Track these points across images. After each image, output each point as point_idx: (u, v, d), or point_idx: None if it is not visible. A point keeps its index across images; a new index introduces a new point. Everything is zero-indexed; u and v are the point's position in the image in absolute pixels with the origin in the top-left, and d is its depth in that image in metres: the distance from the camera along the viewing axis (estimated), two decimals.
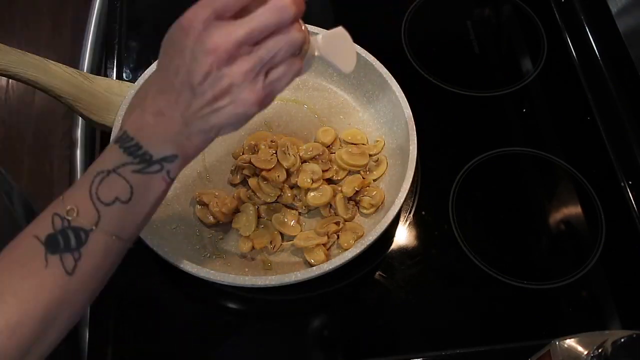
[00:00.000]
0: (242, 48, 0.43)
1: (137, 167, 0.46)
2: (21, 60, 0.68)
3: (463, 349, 0.66)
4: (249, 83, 0.44)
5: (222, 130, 0.47)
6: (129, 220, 0.48)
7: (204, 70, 0.43)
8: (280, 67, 0.46)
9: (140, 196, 0.47)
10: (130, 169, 0.46)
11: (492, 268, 0.71)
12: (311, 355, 0.67)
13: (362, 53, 0.76)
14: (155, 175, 0.47)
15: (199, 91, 0.44)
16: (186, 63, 0.44)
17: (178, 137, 0.47)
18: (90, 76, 0.76)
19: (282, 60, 0.45)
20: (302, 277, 0.63)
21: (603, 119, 0.82)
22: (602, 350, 0.47)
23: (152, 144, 0.46)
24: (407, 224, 0.74)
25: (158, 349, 0.67)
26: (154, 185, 0.47)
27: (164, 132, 0.46)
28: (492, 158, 0.78)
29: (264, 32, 0.44)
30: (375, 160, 0.75)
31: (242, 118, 0.46)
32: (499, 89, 0.84)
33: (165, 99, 0.46)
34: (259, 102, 0.45)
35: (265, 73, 0.45)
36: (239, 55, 0.44)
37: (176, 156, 0.47)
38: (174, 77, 0.45)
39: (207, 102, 0.45)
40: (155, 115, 0.46)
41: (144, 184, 0.47)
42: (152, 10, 0.92)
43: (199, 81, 0.44)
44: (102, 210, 0.46)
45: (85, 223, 0.45)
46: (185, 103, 0.45)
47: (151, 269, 0.70)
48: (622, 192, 0.76)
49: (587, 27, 0.88)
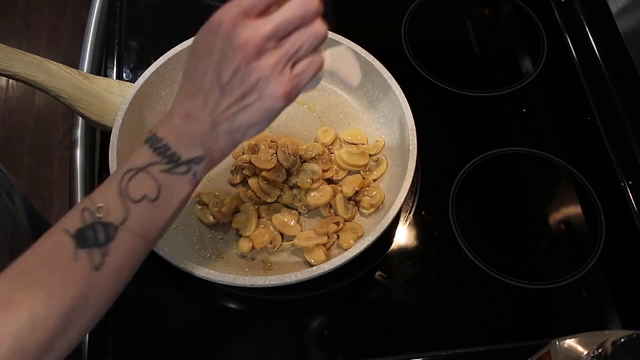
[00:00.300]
0: (269, 42, 0.45)
1: (166, 167, 0.47)
2: (21, 60, 0.68)
3: (463, 349, 0.66)
4: (276, 76, 0.46)
5: (248, 131, 0.49)
6: (154, 220, 0.48)
7: (233, 67, 0.45)
8: (305, 61, 0.47)
9: (166, 196, 0.48)
10: (159, 169, 0.47)
11: (492, 268, 0.71)
12: (311, 355, 0.67)
13: (363, 53, 0.76)
14: (182, 176, 0.48)
15: (227, 89, 0.46)
16: (215, 62, 0.46)
17: (205, 140, 0.48)
18: (90, 76, 0.76)
19: (307, 53, 0.47)
20: (302, 277, 0.63)
21: (603, 119, 0.82)
22: (602, 350, 0.47)
23: (181, 145, 0.47)
24: (407, 224, 0.74)
25: (158, 348, 0.67)
26: (180, 186, 0.48)
27: (192, 134, 0.47)
28: (492, 158, 0.78)
29: (289, 26, 0.45)
30: (375, 160, 0.75)
31: (269, 114, 0.48)
32: (499, 89, 0.84)
33: (193, 101, 0.47)
34: (286, 95, 0.47)
35: (292, 66, 0.47)
36: (266, 49, 0.45)
37: (203, 158, 0.48)
38: (203, 78, 0.47)
39: (236, 99, 0.46)
40: (183, 117, 0.48)
41: (171, 184, 0.48)
42: (152, 10, 0.92)
43: (227, 79, 0.46)
44: (131, 208, 0.46)
45: (114, 219, 0.46)
46: (214, 103, 0.47)
47: (151, 269, 0.70)
48: (622, 192, 0.76)
49: (587, 27, 0.88)
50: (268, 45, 0.45)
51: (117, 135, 0.70)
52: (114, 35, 0.88)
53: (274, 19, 0.45)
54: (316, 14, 0.47)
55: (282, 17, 0.45)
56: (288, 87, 0.47)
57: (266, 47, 0.45)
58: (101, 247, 0.45)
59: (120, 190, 0.46)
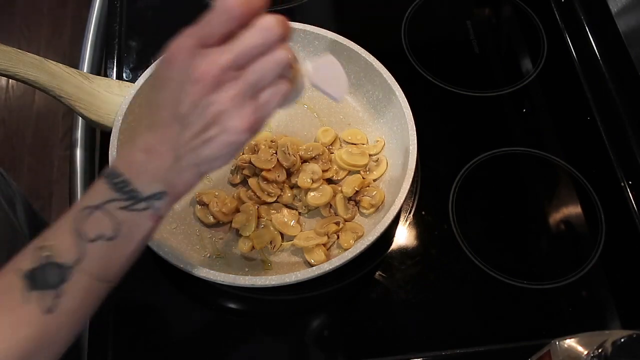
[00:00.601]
0: (228, 73, 0.42)
1: (125, 203, 0.45)
2: (21, 60, 0.68)
3: (463, 349, 0.66)
4: (237, 109, 0.43)
5: (213, 163, 0.46)
6: (113, 258, 0.46)
7: (191, 99, 0.43)
8: (268, 90, 0.44)
9: (126, 234, 0.46)
10: (117, 206, 0.45)
11: (492, 268, 0.71)
12: (311, 355, 0.67)
13: (363, 54, 0.76)
14: (143, 212, 0.46)
15: (188, 122, 0.43)
16: (174, 95, 0.43)
17: (168, 174, 0.45)
18: (90, 76, 0.76)
19: (270, 83, 0.44)
20: (302, 277, 0.63)
21: (603, 119, 0.82)
22: (602, 350, 0.47)
23: (141, 180, 0.45)
24: (407, 224, 0.74)
25: (158, 348, 0.67)
26: (140, 223, 0.46)
27: (153, 168, 0.45)
28: (492, 158, 0.78)
29: (249, 54, 0.43)
30: (375, 160, 0.75)
31: (233, 147, 0.45)
32: (499, 89, 0.84)
33: (154, 134, 0.45)
34: (249, 128, 0.44)
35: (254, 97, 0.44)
36: (225, 80, 0.42)
37: (165, 193, 0.46)
38: (163, 110, 0.44)
39: (197, 132, 0.44)
40: (145, 151, 0.45)
41: (131, 222, 0.46)
42: (152, 10, 0.92)
43: (187, 111, 0.43)
44: (85, 247, 0.44)
45: (67, 260, 0.44)
46: (175, 136, 0.44)
47: (151, 269, 0.70)
48: (622, 192, 0.76)
49: (587, 27, 0.88)
50: (227, 76, 0.42)
51: (117, 135, 0.70)
52: (114, 35, 0.88)
53: (233, 48, 0.42)
54: (278, 41, 0.43)
55: (241, 46, 0.42)
56: (251, 120, 0.44)
57: (225, 78, 0.42)
58: (53, 289, 0.43)
59: (74, 229, 0.44)
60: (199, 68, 0.42)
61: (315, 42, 0.79)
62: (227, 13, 0.42)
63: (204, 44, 0.42)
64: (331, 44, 0.78)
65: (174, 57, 0.43)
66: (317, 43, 0.79)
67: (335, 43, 0.77)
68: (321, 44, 0.79)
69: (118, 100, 0.74)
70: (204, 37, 0.42)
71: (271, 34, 0.43)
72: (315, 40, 0.79)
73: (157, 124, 0.45)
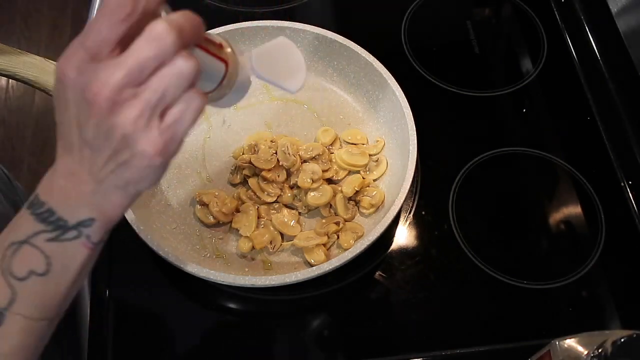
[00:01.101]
0: (124, 92, 0.37)
1: (52, 235, 0.41)
2: (21, 60, 0.68)
3: (463, 349, 0.66)
4: (141, 132, 0.38)
5: (140, 185, 0.41)
6: (48, 294, 0.43)
7: (92, 123, 0.38)
8: (176, 107, 0.38)
9: (59, 266, 0.42)
10: (44, 238, 0.41)
11: (492, 268, 0.71)
12: (311, 355, 0.67)
13: (362, 53, 0.76)
14: (73, 241, 0.42)
15: (96, 146, 0.39)
16: (74, 117, 0.39)
17: (94, 198, 0.41)
18: None
19: (176, 97, 0.38)
20: (302, 277, 0.63)
21: (603, 119, 0.82)
22: (602, 350, 0.47)
23: (66, 208, 0.41)
24: (407, 224, 0.74)
25: (158, 348, 0.67)
26: (74, 253, 0.42)
27: (77, 193, 0.41)
28: (492, 158, 0.78)
29: (145, 68, 0.37)
30: (375, 160, 0.75)
31: (152, 170, 0.40)
32: (499, 89, 0.84)
33: (71, 158, 0.41)
34: (159, 152, 0.38)
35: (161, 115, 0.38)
36: (122, 100, 0.37)
37: (93, 219, 0.42)
38: (70, 133, 0.40)
39: (108, 157, 0.39)
40: (65, 176, 0.41)
41: (62, 253, 0.42)
42: None
43: (91, 136, 0.39)
44: (17, 287, 0.41)
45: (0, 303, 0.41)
46: (89, 160, 0.40)
47: (151, 269, 0.70)
48: (622, 192, 0.76)
49: (587, 27, 0.88)
50: (124, 95, 0.37)
51: None
52: None
53: (124, 63, 0.36)
54: (174, 49, 0.37)
55: (133, 60, 0.36)
56: (160, 144, 0.38)
57: (121, 98, 0.37)
58: None
59: (3, 268, 0.41)
60: (91, 89, 0.37)
61: (315, 42, 0.79)
62: (111, 15, 0.37)
63: (94, 55, 0.37)
64: (331, 44, 0.78)
65: (63, 75, 0.38)
66: (317, 43, 0.79)
67: (335, 43, 0.77)
68: (321, 44, 0.79)
69: None
70: (93, 47, 0.37)
71: (164, 44, 0.36)
72: (315, 40, 0.79)
73: (70, 146, 0.40)
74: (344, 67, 0.79)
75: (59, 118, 0.40)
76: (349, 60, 0.78)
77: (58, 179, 0.42)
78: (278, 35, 0.79)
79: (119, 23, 0.37)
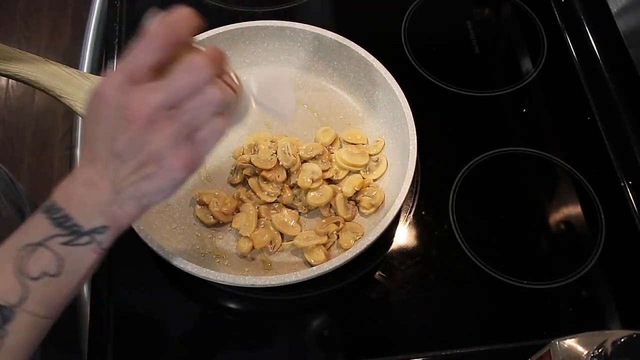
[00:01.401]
0: (160, 112, 0.42)
1: (66, 239, 0.45)
2: (21, 60, 0.68)
3: (463, 349, 0.66)
4: (172, 149, 0.43)
5: (154, 197, 0.46)
6: (56, 294, 0.46)
7: (126, 137, 0.43)
8: (204, 130, 0.44)
9: (69, 269, 0.45)
10: (59, 242, 0.45)
11: (492, 268, 0.71)
12: (311, 355, 0.67)
13: (362, 53, 0.76)
14: (85, 246, 0.45)
15: (124, 158, 0.43)
16: (108, 132, 0.43)
17: (110, 207, 0.45)
18: (91, 76, 0.76)
19: (205, 121, 0.44)
20: (302, 277, 0.63)
21: (603, 119, 0.82)
22: (602, 350, 0.47)
23: (82, 214, 0.45)
24: (407, 224, 0.74)
25: (158, 348, 0.67)
26: (84, 257, 0.46)
27: (94, 202, 0.45)
28: (492, 158, 0.78)
29: (181, 94, 0.43)
30: (375, 160, 0.75)
31: (173, 184, 0.45)
32: (499, 89, 0.84)
33: (94, 168, 0.45)
34: (186, 167, 0.44)
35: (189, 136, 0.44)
36: (158, 120, 0.42)
37: (107, 227, 0.46)
38: (99, 145, 0.44)
39: (134, 169, 0.44)
40: (85, 184, 0.45)
41: (74, 257, 0.45)
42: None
43: (122, 149, 0.43)
44: (30, 286, 0.44)
45: (11, 300, 0.44)
46: (114, 171, 0.44)
47: (151, 269, 0.70)
48: (622, 192, 0.76)
49: (587, 27, 0.88)
50: (159, 116, 0.42)
51: None
52: (114, 35, 0.88)
53: (163, 88, 0.42)
54: (208, 80, 0.43)
55: (172, 87, 0.42)
56: (187, 160, 0.44)
57: (157, 118, 0.42)
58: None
59: (17, 268, 0.44)
60: (131, 108, 0.42)
61: (315, 42, 0.79)
62: (150, 43, 0.42)
63: (134, 79, 0.42)
64: (331, 44, 0.78)
65: (105, 94, 0.43)
66: (317, 43, 0.79)
67: (335, 43, 0.77)
68: (321, 44, 0.79)
69: None
70: (134, 71, 0.42)
71: (201, 75, 0.43)
72: (315, 40, 0.79)
73: (95, 158, 0.45)
74: (344, 67, 0.79)
75: (89, 132, 0.45)
76: (349, 60, 0.78)
77: (77, 187, 0.45)
78: (278, 35, 0.79)
79: (157, 51, 0.42)
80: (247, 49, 0.81)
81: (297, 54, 0.81)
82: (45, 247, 0.44)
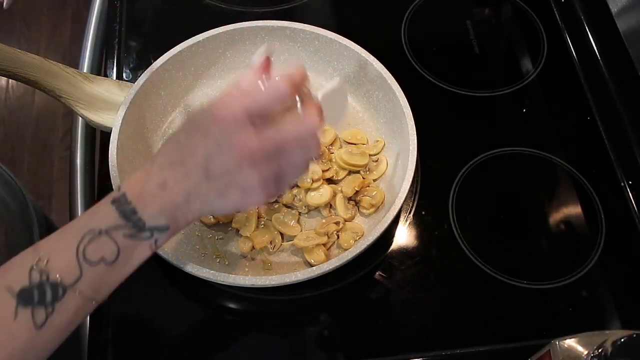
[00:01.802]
0: (264, 156, 0.47)
1: (129, 231, 0.47)
2: (21, 60, 0.68)
3: (463, 349, 0.66)
4: (261, 186, 0.47)
5: (216, 211, 0.50)
6: (107, 281, 0.48)
7: (224, 161, 0.46)
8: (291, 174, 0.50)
9: (124, 260, 0.47)
10: (122, 233, 0.46)
11: (492, 268, 0.71)
12: (311, 355, 0.67)
13: (362, 53, 0.76)
14: (144, 241, 0.48)
15: (212, 177, 0.47)
16: (207, 148, 0.46)
17: (175, 211, 0.48)
18: (90, 76, 0.76)
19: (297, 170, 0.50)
20: (302, 277, 0.63)
21: (603, 119, 0.82)
22: (602, 350, 0.47)
23: (149, 212, 0.47)
24: (407, 224, 0.74)
25: (158, 348, 0.67)
26: (140, 251, 0.48)
27: (163, 203, 0.47)
28: (492, 158, 0.78)
29: (288, 147, 0.48)
30: (375, 160, 0.75)
31: (241, 208, 0.50)
32: (499, 89, 0.84)
33: (174, 173, 0.47)
34: (264, 201, 0.49)
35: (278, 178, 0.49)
36: (260, 161, 0.46)
37: (167, 228, 0.48)
38: (191, 156, 0.47)
39: (217, 187, 0.47)
40: (159, 185, 0.47)
41: (132, 249, 0.47)
42: (152, 10, 0.92)
43: (215, 169, 0.46)
44: (85, 269, 0.46)
45: (66, 280, 0.45)
46: (195, 183, 0.47)
47: (151, 269, 0.70)
48: (622, 192, 0.76)
49: (587, 27, 0.88)
50: (262, 157, 0.46)
51: (117, 135, 0.70)
52: (114, 35, 0.88)
53: (277, 137, 0.47)
54: (313, 136, 0.49)
55: (283, 137, 0.47)
56: (269, 197, 0.49)
57: (260, 159, 0.46)
58: (46, 306, 0.44)
59: (78, 250, 0.46)
60: (241, 141, 0.46)
61: (315, 42, 0.79)
62: (279, 97, 0.47)
63: (252, 119, 0.46)
64: (331, 44, 0.78)
65: (223, 119, 0.46)
66: (317, 43, 0.79)
67: (335, 43, 0.77)
68: (321, 44, 0.79)
69: (118, 100, 0.74)
70: (254, 113, 0.46)
71: (309, 132, 0.49)
72: (315, 40, 0.79)
73: (181, 164, 0.47)
74: (344, 67, 0.79)
75: (183, 138, 0.48)
76: (349, 60, 0.78)
77: (150, 186, 0.47)
78: (278, 35, 0.79)
79: (280, 104, 0.48)
80: (247, 49, 0.81)
81: (297, 54, 0.81)
82: (108, 236, 0.46)
